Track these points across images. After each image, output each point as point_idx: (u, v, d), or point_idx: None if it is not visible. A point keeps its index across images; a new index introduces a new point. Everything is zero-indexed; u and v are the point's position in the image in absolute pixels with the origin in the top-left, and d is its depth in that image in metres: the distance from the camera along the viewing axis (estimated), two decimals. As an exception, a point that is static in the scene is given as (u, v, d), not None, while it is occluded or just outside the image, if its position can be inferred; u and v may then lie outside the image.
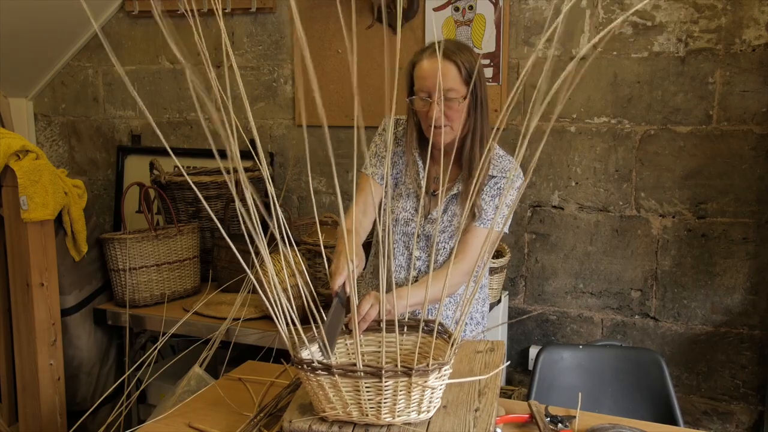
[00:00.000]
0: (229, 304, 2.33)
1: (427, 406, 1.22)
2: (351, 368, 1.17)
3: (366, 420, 1.22)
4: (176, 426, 1.43)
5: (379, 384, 1.16)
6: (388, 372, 1.15)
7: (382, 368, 1.15)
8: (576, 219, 2.55)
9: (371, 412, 1.20)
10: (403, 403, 1.19)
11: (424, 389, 1.18)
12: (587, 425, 1.41)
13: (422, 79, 1.59)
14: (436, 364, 1.16)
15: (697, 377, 2.46)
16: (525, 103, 2.55)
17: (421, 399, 1.20)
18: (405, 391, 1.18)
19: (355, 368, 1.17)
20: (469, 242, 1.63)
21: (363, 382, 1.17)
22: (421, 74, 1.59)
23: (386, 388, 1.17)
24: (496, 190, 1.68)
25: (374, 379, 1.16)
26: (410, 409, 1.21)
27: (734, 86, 2.29)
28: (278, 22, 2.89)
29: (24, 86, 3.40)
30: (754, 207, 2.32)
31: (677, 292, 2.44)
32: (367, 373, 1.16)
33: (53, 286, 2.23)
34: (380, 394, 1.17)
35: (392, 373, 1.15)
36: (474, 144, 1.64)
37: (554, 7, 2.46)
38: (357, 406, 1.21)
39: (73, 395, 2.41)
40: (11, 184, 2.11)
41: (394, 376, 1.16)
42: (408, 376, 1.15)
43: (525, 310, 2.67)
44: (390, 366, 1.16)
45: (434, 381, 1.18)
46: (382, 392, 1.17)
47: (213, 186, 2.71)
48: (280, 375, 1.68)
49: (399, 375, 1.16)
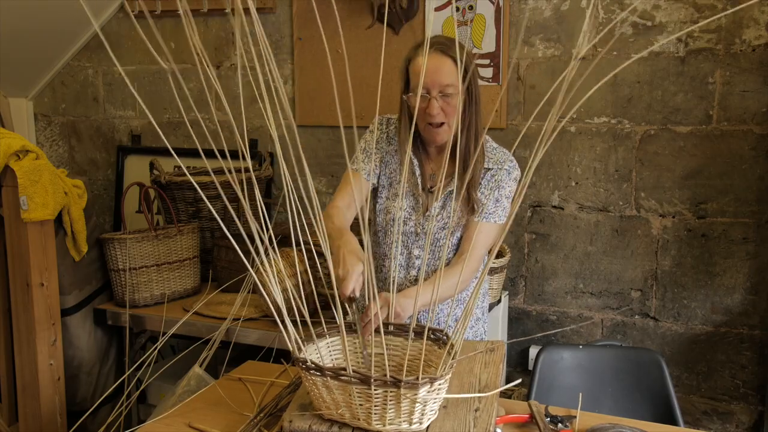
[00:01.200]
0: (229, 304, 2.33)
1: (419, 418, 1.19)
2: (342, 372, 1.16)
3: (358, 424, 1.22)
4: (176, 426, 1.43)
5: (369, 391, 1.16)
6: (377, 381, 1.14)
7: (371, 377, 1.14)
8: (576, 219, 2.55)
9: (362, 416, 1.20)
10: (393, 413, 1.17)
11: (413, 401, 1.15)
12: (587, 425, 1.41)
13: (418, 75, 1.56)
14: (426, 378, 1.13)
15: (697, 377, 2.46)
16: (525, 103, 2.55)
17: (411, 410, 1.17)
18: (395, 402, 1.16)
19: (345, 373, 1.16)
20: (473, 238, 1.61)
21: (354, 387, 1.16)
22: (419, 70, 1.55)
23: (376, 396, 1.16)
24: (494, 182, 1.67)
25: (364, 386, 1.16)
26: (401, 419, 1.18)
27: (734, 86, 2.29)
28: (278, 22, 2.89)
29: (24, 86, 3.40)
30: (754, 207, 2.32)
31: (677, 292, 2.44)
32: (357, 379, 1.16)
33: (53, 286, 2.23)
34: (369, 400, 1.17)
35: (381, 382, 1.14)
36: (469, 140, 1.62)
37: (554, 7, 2.47)
38: (349, 410, 1.21)
39: (73, 395, 2.41)
40: (11, 184, 2.11)
41: (383, 386, 1.14)
42: (397, 387, 1.13)
43: (525, 310, 2.67)
44: (378, 375, 1.15)
45: (427, 395, 1.15)
46: (371, 399, 1.17)
47: (213, 186, 2.71)
48: (280, 375, 1.68)
49: (388, 385, 1.14)
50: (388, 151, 1.74)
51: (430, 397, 1.16)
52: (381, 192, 1.75)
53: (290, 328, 1.23)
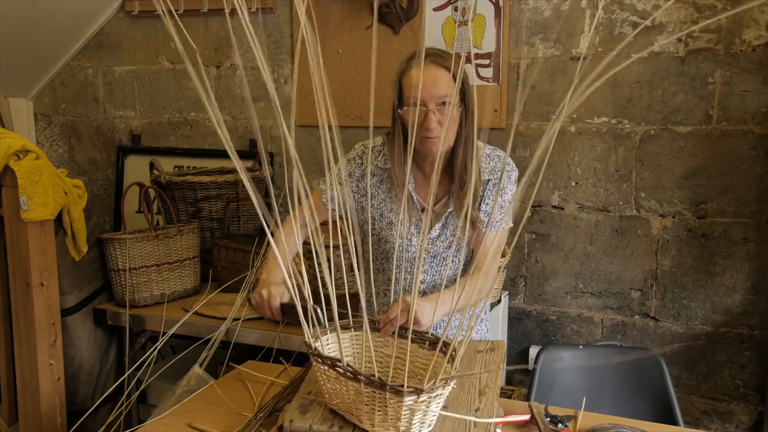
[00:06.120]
0: (229, 304, 2.33)
1: (407, 425, 1.17)
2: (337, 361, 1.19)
3: (351, 419, 1.23)
4: (176, 426, 1.43)
5: (359, 388, 1.16)
6: (366, 380, 1.14)
7: (361, 373, 1.15)
8: (576, 219, 2.55)
9: (355, 413, 1.21)
10: (381, 416, 1.17)
11: (398, 408, 1.14)
12: (587, 425, 1.41)
13: (415, 88, 1.49)
14: (411, 387, 1.12)
15: (697, 377, 2.46)
16: (525, 103, 2.55)
17: (397, 416, 1.15)
18: (381, 404, 1.16)
19: (340, 364, 1.18)
20: (486, 249, 1.59)
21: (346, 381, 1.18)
22: (414, 83, 1.50)
23: (366, 395, 1.16)
24: (496, 190, 1.66)
25: (355, 382, 1.17)
26: (388, 423, 1.18)
27: (734, 86, 2.29)
28: (278, 22, 2.89)
29: (24, 86, 3.40)
30: (754, 207, 2.32)
31: (677, 292, 2.44)
32: (347, 372, 1.16)
33: (53, 286, 2.23)
34: (360, 398, 1.17)
35: (369, 381, 1.14)
36: (466, 153, 1.58)
37: (554, 7, 2.47)
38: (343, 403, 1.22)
39: (73, 395, 2.41)
40: (11, 184, 2.11)
41: (369, 385, 1.14)
42: (382, 389, 1.13)
43: (525, 310, 2.67)
44: (368, 373, 1.15)
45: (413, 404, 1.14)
46: (361, 397, 1.17)
47: (213, 186, 2.71)
48: (280, 375, 1.68)
49: (375, 386, 1.14)
50: (372, 184, 1.68)
51: (417, 407, 1.15)
52: (373, 224, 1.69)
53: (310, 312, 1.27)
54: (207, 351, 2.10)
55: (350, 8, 2.72)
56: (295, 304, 1.25)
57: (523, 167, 2.63)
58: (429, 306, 1.41)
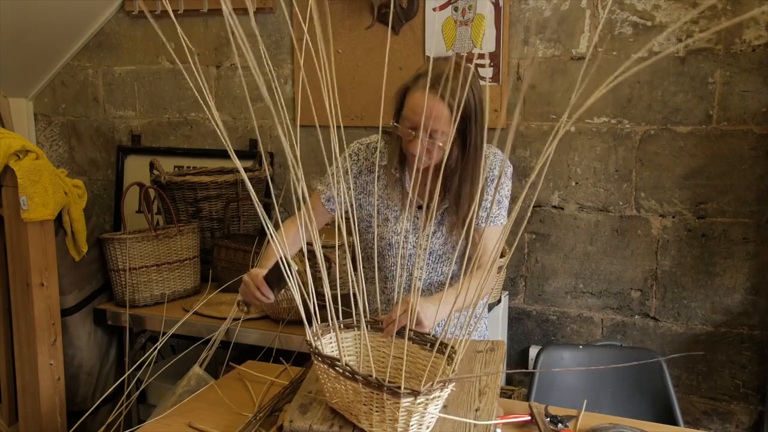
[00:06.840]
0: (229, 304, 2.33)
1: (404, 427, 1.17)
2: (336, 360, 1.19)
3: (351, 419, 1.23)
4: (176, 426, 1.43)
5: (357, 388, 1.16)
6: (363, 380, 1.14)
7: (359, 373, 1.15)
8: (576, 219, 2.55)
9: (353, 411, 1.21)
10: (378, 416, 1.17)
11: (395, 409, 1.14)
12: (587, 425, 1.41)
13: (412, 111, 1.52)
14: (409, 389, 1.12)
15: (697, 377, 2.46)
16: (525, 103, 2.55)
17: (394, 417, 1.15)
18: (379, 405, 1.16)
19: (339, 364, 1.18)
20: (486, 245, 1.59)
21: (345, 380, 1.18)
22: (412, 107, 1.52)
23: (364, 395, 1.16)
24: (493, 187, 1.65)
25: (353, 382, 1.17)
26: (385, 424, 1.18)
27: (734, 86, 2.29)
28: (278, 22, 2.89)
29: (24, 86, 3.40)
30: (754, 207, 2.32)
31: (677, 292, 2.44)
32: (346, 371, 1.17)
33: (53, 286, 2.23)
34: (358, 397, 1.17)
35: (365, 381, 1.14)
36: (462, 185, 1.58)
37: (554, 7, 2.47)
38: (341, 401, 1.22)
39: (73, 395, 2.41)
40: (11, 184, 2.11)
41: (367, 385, 1.15)
42: (380, 390, 1.13)
43: (525, 310, 2.67)
44: (365, 373, 1.15)
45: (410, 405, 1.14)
46: (360, 396, 1.17)
47: (213, 186, 2.71)
48: (280, 375, 1.68)
49: (372, 386, 1.14)
50: (368, 181, 1.70)
51: (414, 409, 1.15)
52: (370, 222, 1.71)
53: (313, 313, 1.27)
54: (207, 351, 2.10)
55: (350, 8, 2.72)
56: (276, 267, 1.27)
57: (523, 167, 2.63)
58: (431, 307, 1.41)
